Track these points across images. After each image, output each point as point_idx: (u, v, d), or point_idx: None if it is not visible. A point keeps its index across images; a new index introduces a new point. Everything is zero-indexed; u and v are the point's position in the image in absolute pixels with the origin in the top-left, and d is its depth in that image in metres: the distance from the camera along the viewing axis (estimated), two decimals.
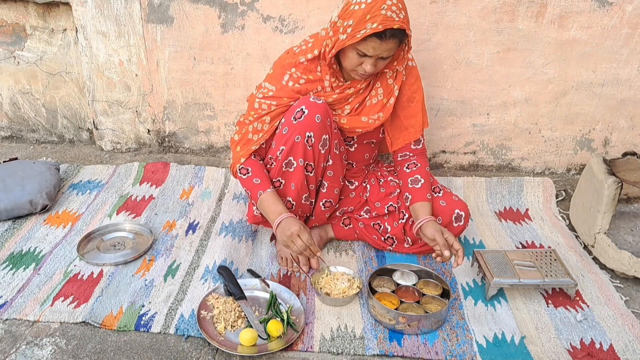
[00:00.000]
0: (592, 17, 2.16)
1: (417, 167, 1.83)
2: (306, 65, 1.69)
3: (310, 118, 1.63)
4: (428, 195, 1.77)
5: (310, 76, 1.70)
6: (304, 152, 1.67)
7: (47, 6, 2.41)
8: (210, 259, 1.83)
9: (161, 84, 2.46)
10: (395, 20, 1.50)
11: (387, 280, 1.72)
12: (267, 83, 1.73)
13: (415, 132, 1.83)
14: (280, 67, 1.73)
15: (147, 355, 1.47)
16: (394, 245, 1.89)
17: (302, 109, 1.64)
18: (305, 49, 1.71)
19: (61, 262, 1.82)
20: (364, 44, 1.54)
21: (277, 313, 1.59)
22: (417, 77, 1.80)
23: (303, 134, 1.64)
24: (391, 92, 1.75)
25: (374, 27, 1.49)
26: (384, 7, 1.49)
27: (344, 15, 1.55)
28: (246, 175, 1.72)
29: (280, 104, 1.70)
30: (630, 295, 1.74)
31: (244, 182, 1.73)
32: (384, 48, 1.55)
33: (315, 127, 1.64)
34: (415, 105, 1.81)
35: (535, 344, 1.52)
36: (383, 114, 1.76)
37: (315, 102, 1.65)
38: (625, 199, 2.12)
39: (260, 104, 1.72)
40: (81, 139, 2.73)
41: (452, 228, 1.80)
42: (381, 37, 1.51)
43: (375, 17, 1.49)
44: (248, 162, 1.73)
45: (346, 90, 1.72)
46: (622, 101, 2.32)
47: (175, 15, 2.30)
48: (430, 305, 1.61)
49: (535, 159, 2.47)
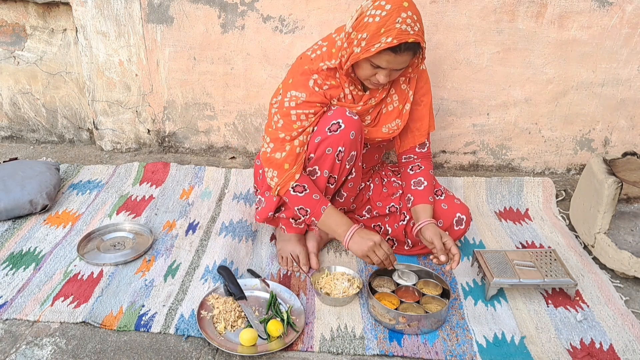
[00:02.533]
0: (592, 17, 2.16)
1: (421, 170, 1.82)
2: (327, 71, 1.65)
3: (345, 133, 1.61)
4: (430, 198, 1.77)
5: (332, 82, 1.66)
6: (332, 165, 1.66)
7: (47, 6, 2.41)
8: (210, 259, 1.83)
9: (161, 84, 2.46)
10: (411, 33, 1.46)
11: (387, 280, 1.72)
12: (295, 91, 1.64)
13: (420, 135, 1.81)
14: (301, 74, 1.66)
15: (147, 355, 1.47)
16: (394, 247, 1.89)
17: (339, 123, 1.61)
18: (322, 54, 1.66)
19: (61, 262, 1.82)
20: (378, 57, 1.50)
21: (277, 313, 1.59)
22: (426, 80, 1.79)
23: (335, 147, 1.62)
24: (406, 98, 1.74)
25: (389, 42, 1.45)
26: (399, 20, 1.45)
27: (358, 28, 1.51)
28: (303, 193, 1.64)
29: (317, 112, 1.65)
30: (630, 295, 1.74)
31: (301, 201, 1.65)
32: (398, 61, 1.52)
33: (348, 143, 1.63)
34: (423, 108, 1.79)
35: (535, 344, 1.52)
36: (401, 121, 1.74)
37: (352, 117, 1.62)
38: (625, 199, 2.12)
39: (298, 115, 1.63)
40: (81, 139, 2.73)
41: (453, 231, 1.80)
42: (396, 51, 1.48)
43: (390, 31, 1.45)
44: (302, 179, 1.65)
45: (368, 101, 1.70)
46: (622, 101, 2.32)
47: (175, 15, 2.30)
48: (430, 305, 1.61)
49: (535, 159, 2.47)
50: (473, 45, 2.23)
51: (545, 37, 2.20)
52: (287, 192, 1.66)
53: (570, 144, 2.43)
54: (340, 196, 1.82)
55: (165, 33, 2.34)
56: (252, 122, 2.49)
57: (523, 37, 2.20)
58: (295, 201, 1.66)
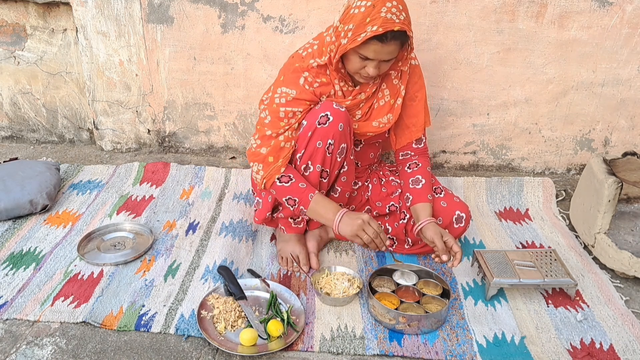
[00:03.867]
0: (592, 17, 2.16)
1: (419, 167, 1.83)
2: (317, 69, 1.67)
3: (334, 125, 1.62)
4: (429, 196, 1.77)
5: (323, 79, 1.68)
6: (323, 159, 1.66)
7: (47, 6, 2.41)
8: (211, 259, 1.83)
9: (161, 84, 2.46)
10: (396, 22, 1.48)
11: (387, 280, 1.72)
12: (285, 88, 1.67)
13: (417, 130, 1.83)
14: (292, 72, 1.68)
15: (147, 355, 1.47)
16: (394, 246, 1.89)
17: (327, 115, 1.62)
18: (312, 51, 1.68)
19: (61, 262, 1.82)
20: (366, 47, 1.52)
21: (277, 313, 1.59)
22: (419, 76, 1.80)
23: (325, 140, 1.63)
24: (398, 93, 1.75)
25: (374, 30, 1.47)
26: (384, 9, 1.47)
27: (345, 20, 1.54)
28: (289, 182, 1.66)
29: (305, 109, 1.67)
30: (631, 295, 1.74)
31: (288, 190, 1.66)
32: (385, 51, 1.53)
33: (338, 135, 1.63)
34: (418, 104, 1.80)
35: (535, 344, 1.52)
36: (392, 115, 1.75)
37: (339, 109, 1.63)
38: (625, 199, 2.12)
39: (286, 112, 1.66)
40: (81, 139, 2.73)
41: (453, 229, 1.80)
42: (382, 40, 1.50)
43: (375, 20, 1.47)
44: (287, 170, 1.68)
45: (358, 96, 1.71)
46: (622, 101, 2.32)
47: (175, 15, 2.30)
48: (430, 305, 1.61)
49: (535, 159, 2.47)
50: (473, 45, 2.23)
51: (545, 37, 2.20)
52: (273, 184, 1.68)
53: (570, 144, 2.43)
54: (334, 191, 1.82)
55: (166, 33, 2.34)
56: (252, 122, 2.49)
57: (523, 37, 2.21)
58: (282, 192, 1.68)
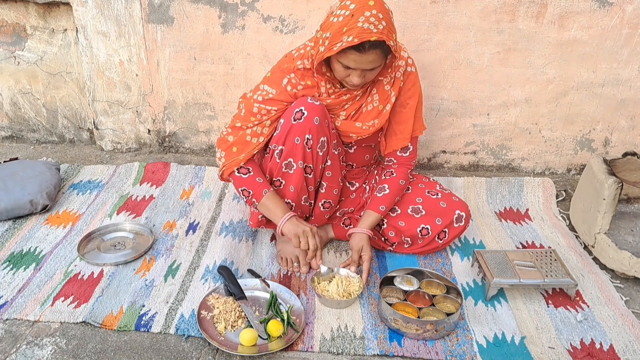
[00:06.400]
0: (592, 17, 2.16)
1: (391, 177, 1.83)
2: (303, 71, 1.68)
3: (309, 120, 1.62)
4: (381, 207, 1.79)
5: (308, 82, 1.68)
6: (303, 155, 1.67)
7: (48, 6, 2.41)
8: (211, 259, 1.83)
9: (161, 84, 2.46)
10: (373, 32, 1.45)
11: (393, 290, 1.68)
12: (267, 86, 1.70)
13: (404, 138, 1.80)
14: (279, 72, 1.70)
15: (147, 355, 1.47)
16: (394, 246, 1.89)
17: (301, 110, 1.63)
18: (304, 52, 1.69)
19: (61, 262, 1.82)
20: (345, 56, 1.51)
21: (278, 313, 1.59)
22: (414, 83, 1.76)
23: (302, 136, 1.64)
24: (387, 99, 1.73)
25: (349, 41, 1.45)
26: (362, 19, 1.45)
27: (324, 27, 1.54)
28: (247, 175, 1.72)
29: (280, 109, 1.69)
30: (631, 295, 1.74)
31: (244, 182, 1.72)
32: (365, 60, 1.51)
33: (314, 129, 1.64)
34: (408, 111, 1.78)
35: (535, 344, 1.52)
36: (378, 120, 1.73)
37: (313, 103, 1.64)
38: (625, 199, 2.12)
39: (260, 109, 1.69)
40: (81, 139, 2.73)
41: (453, 229, 1.80)
42: (360, 50, 1.48)
43: (352, 30, 1.45)
44: (249, 162, 1.73)
45: (342, 96, 1.70)
46: (623, 101, 2.32)
47: (175, 15, 2.30)
48: (443, 304, 1.60)
49: (535, 159, 2.47)
50: (473, 45, 2.23)
51: (545, 37, 2.20)
52: (231, 173, 1.73)
53: (570, 144, 2.43)
54: (321, 187, 1.81)
55: (166, 33, 2.34)
56: None
57: (523, 37, 2.21)
58: (238, 182, 1.73)
